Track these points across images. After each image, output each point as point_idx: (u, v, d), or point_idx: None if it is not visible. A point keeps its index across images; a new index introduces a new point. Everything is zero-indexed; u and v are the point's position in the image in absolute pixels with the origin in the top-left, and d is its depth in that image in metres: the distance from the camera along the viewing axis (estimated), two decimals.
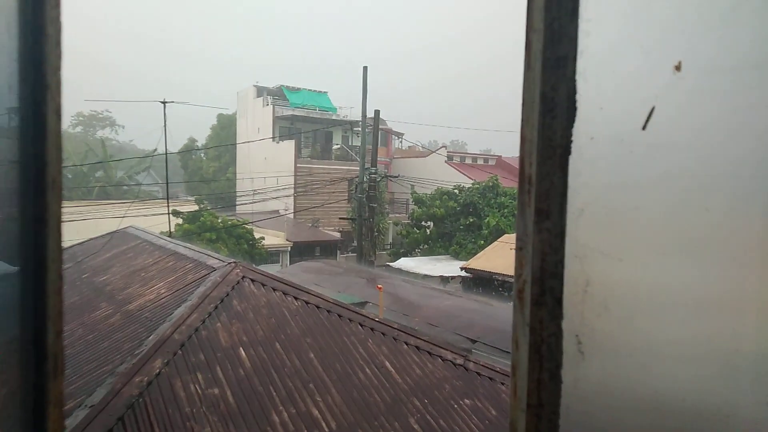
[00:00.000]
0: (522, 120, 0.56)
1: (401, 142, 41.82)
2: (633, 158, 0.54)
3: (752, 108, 0.46)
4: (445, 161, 37.15)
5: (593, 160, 0.55)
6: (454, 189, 25.51)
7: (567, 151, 0.55)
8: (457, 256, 23.04)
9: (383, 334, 6.94)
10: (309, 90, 37.30)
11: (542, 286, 0.55)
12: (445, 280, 19.95)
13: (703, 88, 0.50)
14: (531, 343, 0.55)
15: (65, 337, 5.08)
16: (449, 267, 20.35)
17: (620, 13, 0.53)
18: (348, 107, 35.91)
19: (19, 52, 0.44)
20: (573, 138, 0.55)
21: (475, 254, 19.77)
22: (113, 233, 11.86)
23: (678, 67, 0.51)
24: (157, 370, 5.36)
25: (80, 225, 19.69)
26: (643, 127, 0.53)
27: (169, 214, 16.94)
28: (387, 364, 6.45)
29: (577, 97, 0.55)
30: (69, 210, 24.44)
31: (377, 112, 20.06)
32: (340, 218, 25.68)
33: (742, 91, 0.47)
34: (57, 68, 0.46)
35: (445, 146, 43.56)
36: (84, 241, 12.39)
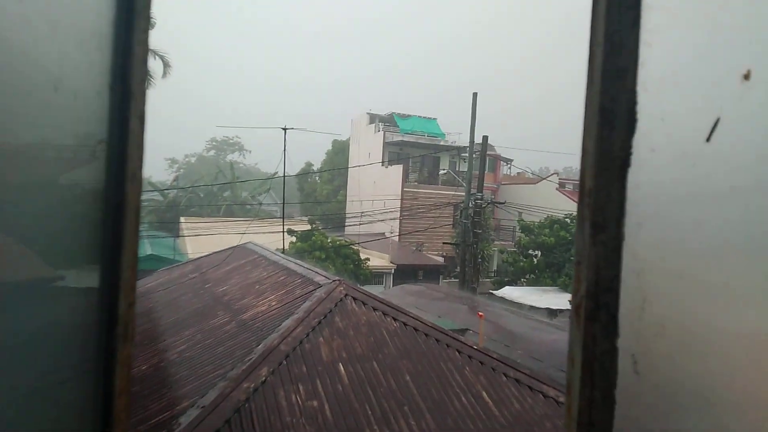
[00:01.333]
0: (583, 132, 0.56)
1: (510, 168, 40.93)
2: (696, 171, 0.51)
3: None
4: (557, 188, 35.62)
5: (654, 172, 0.53)
6: (565, 218, 24.31)
7: (626, 163, 0.53)
8: (566, 288, 21.78)
9: (481, 363, 6.75)
10: (419, 116, 38.04)
11: (597, 301, 0.54)
12: (552, 313, 18.94)
13: None
14: (584, 361, 0.53)
15: (187, 340, 5.62)
16: (557, 299, 19.29)
17: (684, 22, 0.51)
18: (457, 133, 36.03)
19: (109, 66, 0.54)
20: (633, 150, 0.53)
21: None
22: (235, 248, 12.87)
23: (747, 76, 0.47)
24: (263, 378, 5.68)
25: (208, 239, 21.65)
26: (707, 139, 0.50)
27: (284, 232, 18.06)
28: (484, 394, 6.25)
29: (638, 108, 0.53)
30: (199, 225, 26.95)
31: (485, 138, 19.88)
32: (444, 243, 25.56)
33: None
34: (141, 80, 0.56)
35: (557, 173, 41.87)
36: (209, 254, 13.59)
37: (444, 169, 35.01)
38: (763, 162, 0.47)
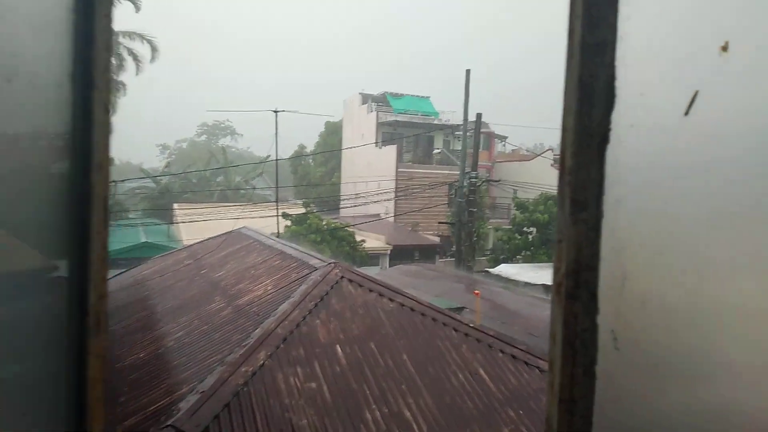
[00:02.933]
0: (563, 110, 0.55)
1: (504, 145, 40.82)
2: (675, 146, 0.51)
3: None
4: (551, 164, 35.64)
5: (633, 148, 0.52)
6: None
7: (605, 139, 0.53)
8: None
9: (478, 340, 6.82)
10: (412, 96, 37.77)
11: (577, 279, 0.53)
12: (547, 289, 19.09)
13: (752, 69, 0.45)
14: (565, 338, 0.53)
15: (184, 327, 5.64)
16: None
17: None
18: (451, 111, 35.86)
19: (69, 55, 0.52)
20: (612, 126, 0.53)
21: None
22: (229, 233, 12.85)
23: (725, 48, 0.47)
24: (261, 362, 5.72)
25: (202, 225, 21.59)
26: (686, 113, 0.49)
27: (278, 216, 18.03)
28: (481, 371, 6.33)
29: (617, 83, 0.52)
30: (193, 212, 26.88)
31: (479, 116, 19.78)
32: (440, 222, 25.63)
33: None
34: (105, 69, 0.54)
35: (551, 149, 41.82)
36: (203, 240, 13.57)
37: (438, 148, 34.90)
38: (741, 134, 0.46)
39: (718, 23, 0.47)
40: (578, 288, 0.54)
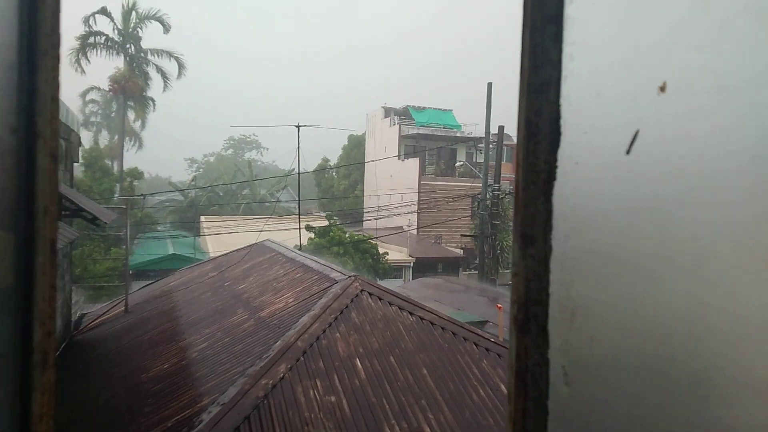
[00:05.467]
0: (516, 145, 0.56)
1: None
2: (618, 184, 0.51)
3: (740, 128, 0.41)
4: None
5: (578, 185, 0.53)
6: None
7: (551, 176, 0.53)
8: None
9: (499, 355, 6.73)
10: (434, 108, 37.85)
11: (527, 313, 0.54)
12: None
13: (688, 109, 0.45)
14: (516, 371, 0.54)
15: (207, 338, 5.72)
16: None
17: (604, 36, 0.50)
18: (473, 124, 35.78)
19: (13, 109, 0.55)
20: (558, 163, 0.53)
21: None
22: (252, 246, 13.02)
23: (663, 88, 0.47)
24: (282, 375, 5.76)
25: (227, 238, 21.94)
26: (627, 152, 0.50)
27: (299, 228, 18.19)
28: (502, 386, 6.24)
29: (561, 122, 0.53)
30: (219, 224, 27.34)
31: (501, 128, 19.69)
32: (462, 235, 25.47)
33: (729, 111, 0.42)
34: (52, 118, 0.57)
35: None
36: (228, 253, 13.78)
37: (461, 161, 34.81)
38: (679, 173, 0.47)
39: (656, 65, 0.48)
40: (528, 322, 0.54)
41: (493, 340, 7.28)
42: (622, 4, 0.48)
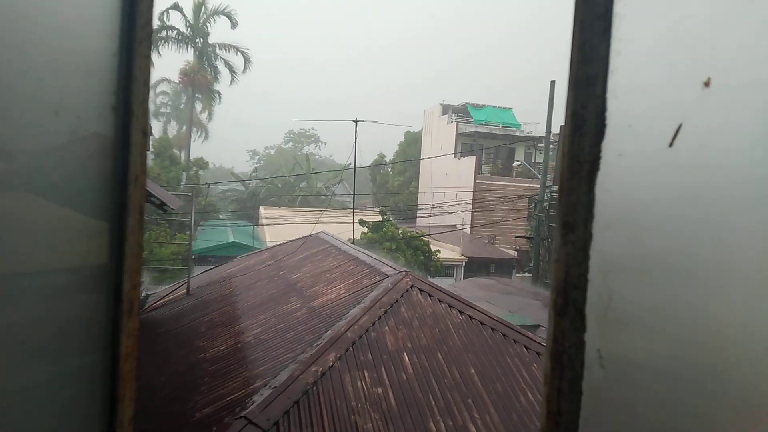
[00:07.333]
0: (562, 136, 0.58)
1: None
2: (660, 175, 0.52)
3: None
4: None
5: (621, 176, 0.54)
6: None
7: (595, 166, 0.55)
8: None
9: None
10: (493, 106, 37.23)
11: (566, 297, 0.56)
12: None
13: (732, 104, 0.46)
14: (553, 352, 0.56)
15: (262, 324, 5.96)
16: None
17: (651, 33, 0.52)
18: (534, 123, 34.94)
19: (112, 89, 0.63)
20: (602, 154, 0.55)
21: None
22: (308, 237, 13.34)
23: (707, 83, 0.48)
24: (331, 363, 5.90)
25: (284, 228, 22.56)
26: (670, 145, 0.51)
27: (353, 222, 18.45)
28: None
29: (607, 114, 0.55)
30: (276, 215, 28.13)
31: (562, 128, 19.11)
32: (517, 236, 24.97)
33: None
34: (143, 100, 0.65)
35: None
36: (284, 243, 14.18)
37: (519, 161, 34.09)
38: (722, 166, 0.48)
39: (701, 60, 0.49)
40: (567, 305, 0.57)
41: (543, 344, 7.13)
42: (668, 2, 0.50)
